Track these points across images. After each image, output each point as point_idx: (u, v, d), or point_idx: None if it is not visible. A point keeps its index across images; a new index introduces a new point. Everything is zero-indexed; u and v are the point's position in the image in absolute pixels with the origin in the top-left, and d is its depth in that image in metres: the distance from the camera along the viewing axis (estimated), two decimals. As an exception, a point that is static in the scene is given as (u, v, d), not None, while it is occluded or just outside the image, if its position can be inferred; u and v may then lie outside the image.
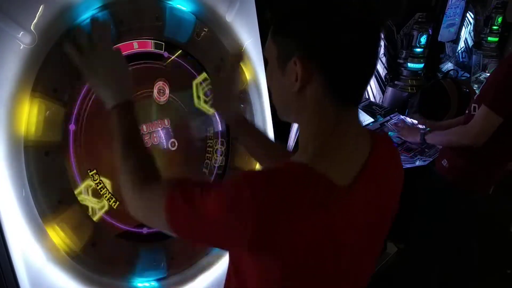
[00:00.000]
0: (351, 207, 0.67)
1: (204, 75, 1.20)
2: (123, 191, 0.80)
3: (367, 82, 0.72)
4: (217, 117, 1.26)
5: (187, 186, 0.69)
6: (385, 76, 2.79)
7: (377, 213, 0.73)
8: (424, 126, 2.23)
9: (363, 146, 0.72)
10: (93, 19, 0.91)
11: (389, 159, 0.78)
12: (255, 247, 0.62)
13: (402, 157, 2.07)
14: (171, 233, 0.71)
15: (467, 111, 1.81)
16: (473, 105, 1.75)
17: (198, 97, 1.21)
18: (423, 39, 2.75)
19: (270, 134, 1.36)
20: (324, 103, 0.68)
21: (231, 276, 0.76)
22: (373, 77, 2.73)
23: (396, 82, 2.83)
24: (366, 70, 0.69)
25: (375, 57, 0.70)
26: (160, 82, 1.10)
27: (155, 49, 1.09)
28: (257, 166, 1.29)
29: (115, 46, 0.95)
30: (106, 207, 1.01)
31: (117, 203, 1.02)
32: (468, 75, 3.56)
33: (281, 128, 0.75)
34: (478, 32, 3.85)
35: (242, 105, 1.26)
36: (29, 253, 0.87)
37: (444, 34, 3.29)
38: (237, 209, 0.61)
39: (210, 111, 1.23)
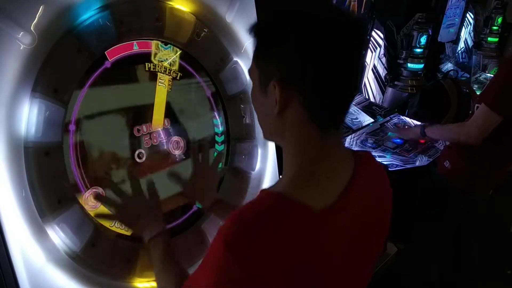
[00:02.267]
0: (333, 229, 0.67)
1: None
2: None
3: (347, 107, 0.72)
4: (217, 117, 1.26)
5: None
6: (385, 77, 2.79)
7: (363, 232, 0.73)
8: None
9: (345, 167, 0.73)
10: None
11: (373, 178, 0.78)
12: None
13: (402, 157, 2.08)
14: None
15: (470, 112, 1.82)
16: (476, 105, 1.76)
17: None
18: (423, 40, 2.75)
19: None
20: (303, 127, 0.69)
21: None
22: (373, 77, 2.73)
23: (396, 83, 2.83)
24: (345, 97, 0.70)
25: (355, 84, 0.70)
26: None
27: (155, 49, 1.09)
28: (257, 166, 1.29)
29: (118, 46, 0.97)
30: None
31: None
32: (468, 76, 3.56)
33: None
34: (478, 32, 3.85)
35: (242, 106, 1.26)
36: (29, 253, 0.87)
37: (444, 34, 3.29)
38: (226, 280, 0.61)
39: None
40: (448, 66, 3.52)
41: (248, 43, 1.26)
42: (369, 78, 2.74)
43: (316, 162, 0.69)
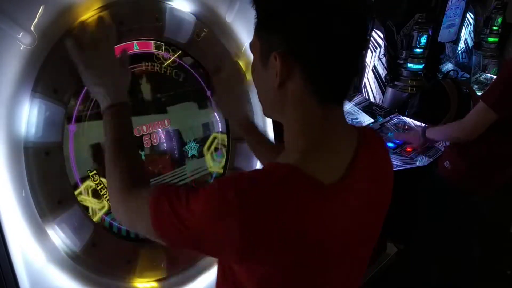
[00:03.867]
0: (341, 204, 0.67)
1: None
2: (109, 194, 0.81)
3: (350, 82, 0.70)
4: (217, 117, 1.26)
5: (173, 193, 0.68)
6: (385, 77, 2.79)
7: (369, 207, 0.73)
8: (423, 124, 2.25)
9: (350, 142, 0.72)
10: (99, 18, 0.91)
11: (376, 152, 0.78)
12: (246, 257, 0.62)
13: (402, 157, 2.07)
14: (156, 239, 0.70)
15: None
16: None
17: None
18: (423, 40, 2.75)
19: (270, 134, 1.36)
20: (305, 100, 0.68)
21: (220, 282, 0.76)
22: (373, 77, 2.73)
23: (396, 83, 2.83)
24: (348, 70, 0.68)
25: (359, 56, 0.69)
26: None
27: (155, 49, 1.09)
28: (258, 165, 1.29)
29: (118, 46, 0.95)
30: (106, 208, 1.01)
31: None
32: (468, 76, 3.56)
33: (281, 128, 0.75)
34: (478, 32, 3.85)
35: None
36: (29, 253, 0.87)
37: (444, 34, 3.29)
38: (222, 217, 0.60)
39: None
40: (448, 66, 3.52)
41: (248, 43, 1.26)
42: (369, 78, 2.74)
43: (321, 137, 0.69)
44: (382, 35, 2.65)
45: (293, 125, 0.71)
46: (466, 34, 3.70)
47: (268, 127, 1.36)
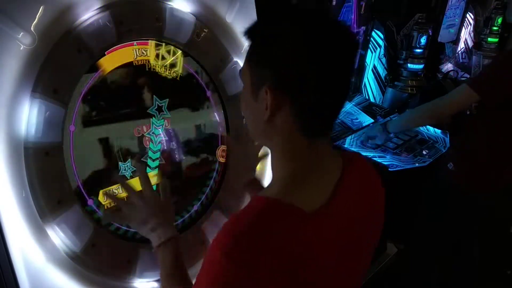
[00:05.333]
0: (325, 230, 0.67)
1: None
2: None
3: (337, 114, 0.72)
4: (217, 118, 1.26)
5: None
6: (385, 77, 2.79)
7: (356, 230, 0.73)
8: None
9: (334, 170, 0.73)
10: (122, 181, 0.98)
11: (363, 177, 0.79)
12: None
13: (402, 157, 2.08)
14: None
15: (468, 112, 1.82)
16: (473, 104, 1.77)
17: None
18: (423, 40, 2.74)
19: None
20: (293, 133, 0.69)
21: None
22: (373, 77, 2.73)
23: (396, 83, 2.83)
24: (336, 104, 0.70)
25: (346, 91, 0.71)
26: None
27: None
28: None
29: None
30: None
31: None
32: (468, 76, 3.56)
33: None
34: (478, 33, 3.85)
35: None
36: (29, 253, 0.87)
37: (444, 34, 3.29)
38: (223, 280, 0.61)
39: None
40: (448, 66, 3.52)
41: (248, 43, 1.26)
42: (369, 78, 2.74)
43: (305, 167, 0.70)
44: (382, 35, 2.65)
45: (278, 154, 0.73)
46: (466, 34, 3.70)
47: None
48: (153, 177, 1.09)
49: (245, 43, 0.99)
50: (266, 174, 1.30)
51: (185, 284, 0.85)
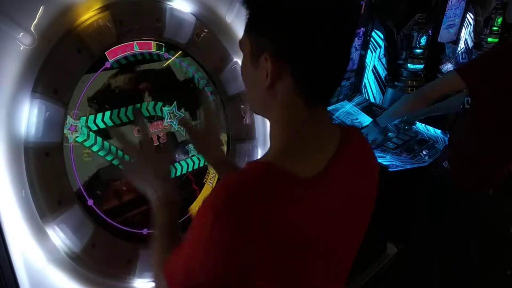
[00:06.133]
0: (318, 198, 0.67)
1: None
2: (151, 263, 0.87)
3: (338, 82, 0.72)
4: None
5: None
6: (385, 77, 2.79)
7: (349, 203, 0.73)
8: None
9: (332, 140, 0.73)
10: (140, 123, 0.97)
11: (359, 150, 0.79)
12: (246, 270, 0.62)
13: (402, 157, 2.07)
14: None
15: (461, 106, 1.83)
16: (466, 98, 1.78)
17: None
18: (423, 40, 2.74)
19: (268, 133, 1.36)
20: (293, 101, 0.69)
21: None
22: (373, 78, 2.73)
23: (396, 83, 2.83)
24: (337, 71, 0.69)
25: (346, 58, 0.70)
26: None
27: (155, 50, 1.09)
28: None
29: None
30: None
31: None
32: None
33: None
34: (478, 33, 3.85)
35: (242, 106, 1.26)
36: (29, 254, 0.87)
37: (444, 35, 3.29)
38: (215, 244, 0.61)
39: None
40: (448, 66, 3.52)
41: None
42: (369, 79, 2.74)
43: (303, 135, 0.70)
44: (382, 36, 2.65)
45: (277, 123, 0.72)
46: (466, 35, 3.70)
47: (268, 128, 1.36)
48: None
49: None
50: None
51: (178, 240, 0.81)
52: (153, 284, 1.08)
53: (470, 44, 3.79)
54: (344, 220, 0.72)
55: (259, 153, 1.32)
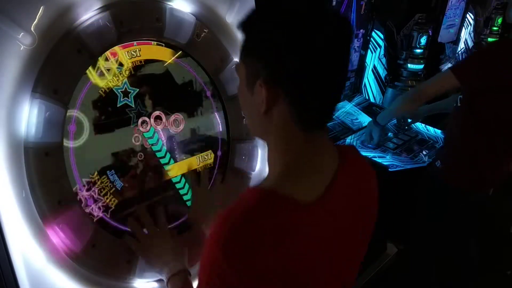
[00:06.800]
0: (320, 222, 0.67)
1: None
2: None
3: (332, 108, 0.72)
4: (217, 118, 1.26)
5: None
6: (385, 77, 2.79)
7: (350, 224, 0.74)
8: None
9: (330, 163, 0.73)
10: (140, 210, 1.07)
11: (357, 170, 0.79)
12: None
13: (402, 157, 2.08)
14: None
15: (454, 104, 1.83)
16: (459, 96, 1.78)
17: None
18: (423, 40, 2.75)
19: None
20: (289, 126, 0.69)
21: None
22: (373, 78, 2.73)
23: (396, 83, 2.83)
24: (331, 99, 0.70)
25: (340, 86, 0.70)
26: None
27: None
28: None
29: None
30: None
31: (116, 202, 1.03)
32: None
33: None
34: (478, 33, 3.85)
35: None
36: (29, 254, 0.87)
37: (444, 35, 3.29)
38: (221, 274, 0.62)
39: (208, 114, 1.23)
40: (448, 66, 3.52)
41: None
42: (369, 79, 2.74)
43: (301, 159, 0.70)
44: (382, 36, 2.65)
45: (275, 148, 0.73)
46: (466, 35, 3.70)
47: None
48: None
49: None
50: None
51: None
52: (153, 284, 1.08)
53: (470, 44, 3.80)
54: (347, 239, 0.73)
55: (259, 153, 1.32)
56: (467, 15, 3.61)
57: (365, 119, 2.42)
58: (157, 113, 1.11)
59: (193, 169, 1.20)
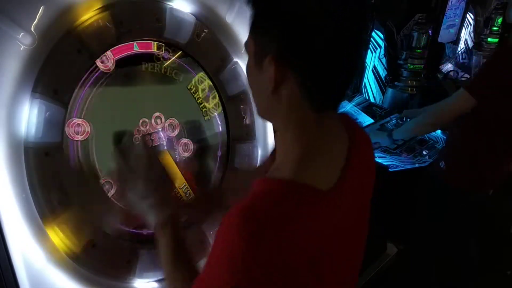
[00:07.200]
0: (339, 207, 0.66)
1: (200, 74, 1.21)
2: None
3: (346, 86, 0.68)
4: (217, 118, 1.26)
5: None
6: (385, 77, 2.79)
7: (361, 204, 0.73)
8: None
9: (342, 144, 0.71)
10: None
11: (365, 151, 0.77)
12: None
13: (402, 157, 2.08)
14: None
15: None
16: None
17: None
18: (423, 40, 2.75)
19: (270, 137, 1.36)
20: (299, 106, 0.66)
21: None
22: (373, 78, 2.73)
23: (396, 83, 2.83)
24: (343, 79, 0.66)
25: (353, 62, 0.66)
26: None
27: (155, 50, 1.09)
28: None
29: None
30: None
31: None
32: (468, 76, 3.56)
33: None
34: (478, 33, 3.85)
35: (242, 106, 1.26)
36: (29, 254, 0.87)
37: (444, 35, 3.29)
38: (239, 264, 0.58)
39: (208, 114, 1.23)
40: (448, 66, 3.52)
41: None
42: (369, 79, 2.74)
43: (314, 143, 0.67)
44: (382, 36, 2.65)
45: (286, 131, 0.69)
46: (466, 35, 3.70)
47: (268, 129, 1.36)
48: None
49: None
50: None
51: (189, 271, 0.78)
52: (153, 284, 1.08)
53: (470, 44, 3.79)
54: (356, 222, 0.72)
55: (259, 153, 1.32)
56: (467, 15, 3.60)
57: (365, 119, 2.42)
58: (157, 113, 1.11)
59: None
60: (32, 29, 0.83)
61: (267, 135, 1.36)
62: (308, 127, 0.67)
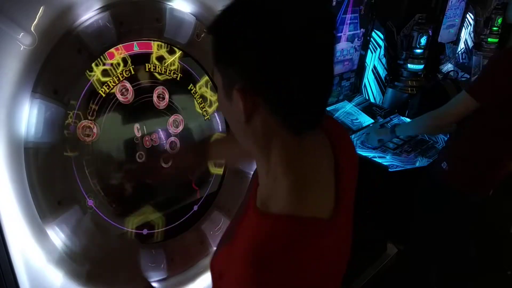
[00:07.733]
0: (342, 228, 0.66)
1: (205, 78, 1.21)
2: None
3: (323, 104, 0.64)
4: (217, 118, 1.26)
5: None
6: (385, 77, 2.79)
7: (351, 214, 0.73)
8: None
9: (329, 159, 0.69)
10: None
11: (346, 148, 0.75)
12: None
13: (402, 158, 2.07)
14: None
15: None
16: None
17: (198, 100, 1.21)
18: (423, 40, 2.75)
19: None
20: (277, 132, 0.62)
21: None
22: (373, 78, 2.73)
23: (396, 83, 2.83)
24: (317, 95, 0.62)
25: (326, 79, 0.62)
26: (160, 87, 1.10)
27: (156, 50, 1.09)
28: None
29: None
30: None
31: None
32: (468, 76, 3.56)
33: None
34: (478, 33, 3.85)
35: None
36: (29, 254, 0.87)
37: (444, 35, 3.29)
38: None
39: (208, 114, 1.23)
40: (448, 66, 3.52)
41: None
42: (369, 79, 2.74)
43: (303, 170, 0.64)
44: (382, 36, 2.65)
45: (267, 160, 0.66)
46: (466, 35, 3.70)
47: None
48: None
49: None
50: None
51: None
52: (153, 284, 1.08)
53: (470, 44, 3.80)
54: (349, 232, 0.71)
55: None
56: (467, 15, 3.61)
57: (365, 119, 2.42)
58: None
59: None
60: (32, 29, 0.83)
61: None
62: (292, 152, 0.64)
